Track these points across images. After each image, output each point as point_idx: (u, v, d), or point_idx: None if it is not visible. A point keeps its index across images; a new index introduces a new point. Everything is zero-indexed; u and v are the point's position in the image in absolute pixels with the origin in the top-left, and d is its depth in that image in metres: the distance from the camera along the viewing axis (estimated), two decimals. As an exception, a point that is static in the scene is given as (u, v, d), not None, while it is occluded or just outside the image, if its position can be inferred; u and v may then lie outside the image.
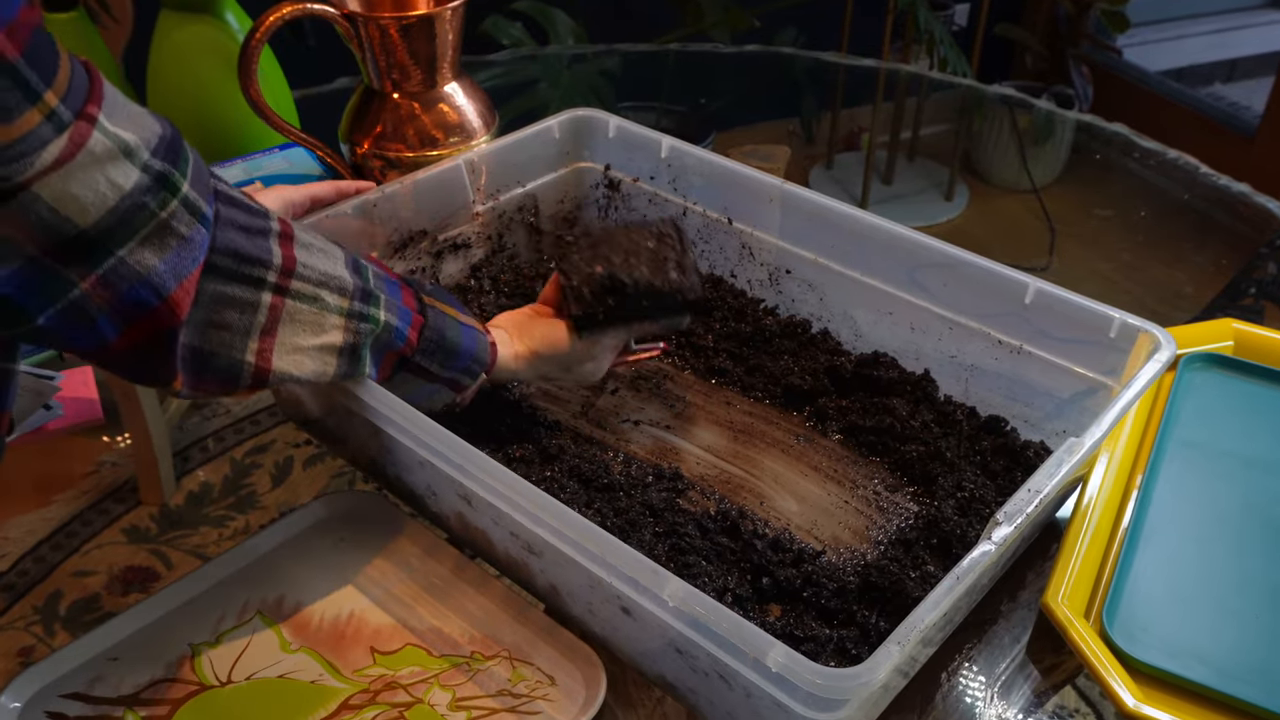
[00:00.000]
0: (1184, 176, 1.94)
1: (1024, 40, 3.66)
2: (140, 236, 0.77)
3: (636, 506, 1.10)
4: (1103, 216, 2.18)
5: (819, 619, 1.00)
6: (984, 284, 1.19)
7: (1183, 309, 1.61)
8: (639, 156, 1.44)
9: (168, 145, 0.80)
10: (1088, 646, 0.96)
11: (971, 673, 1.02)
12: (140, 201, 0.76)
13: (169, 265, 0.79)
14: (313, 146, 1.44)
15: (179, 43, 1.52)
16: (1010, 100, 2.67)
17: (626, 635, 0.96)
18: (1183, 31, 4.12)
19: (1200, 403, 1.23)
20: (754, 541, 1.07)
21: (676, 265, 1.15)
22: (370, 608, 1.04)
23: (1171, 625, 0.99)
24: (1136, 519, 1.09)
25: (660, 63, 2.64)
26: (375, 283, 0.97)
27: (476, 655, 0.99)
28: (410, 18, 1.36)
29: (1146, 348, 1.08)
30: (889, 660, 0.78)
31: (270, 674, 0.98)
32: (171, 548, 1.14)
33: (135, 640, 1.00)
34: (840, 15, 3.14)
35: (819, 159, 3.33)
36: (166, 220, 0.78)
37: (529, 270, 1.45)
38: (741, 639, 0.80)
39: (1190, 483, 1.14)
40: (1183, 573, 1.05)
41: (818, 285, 1.34)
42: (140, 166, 0.77)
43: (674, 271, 1.15)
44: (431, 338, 1.02)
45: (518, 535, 0.99)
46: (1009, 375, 1.20)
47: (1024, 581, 1.10)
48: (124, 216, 0.76)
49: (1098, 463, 1.15)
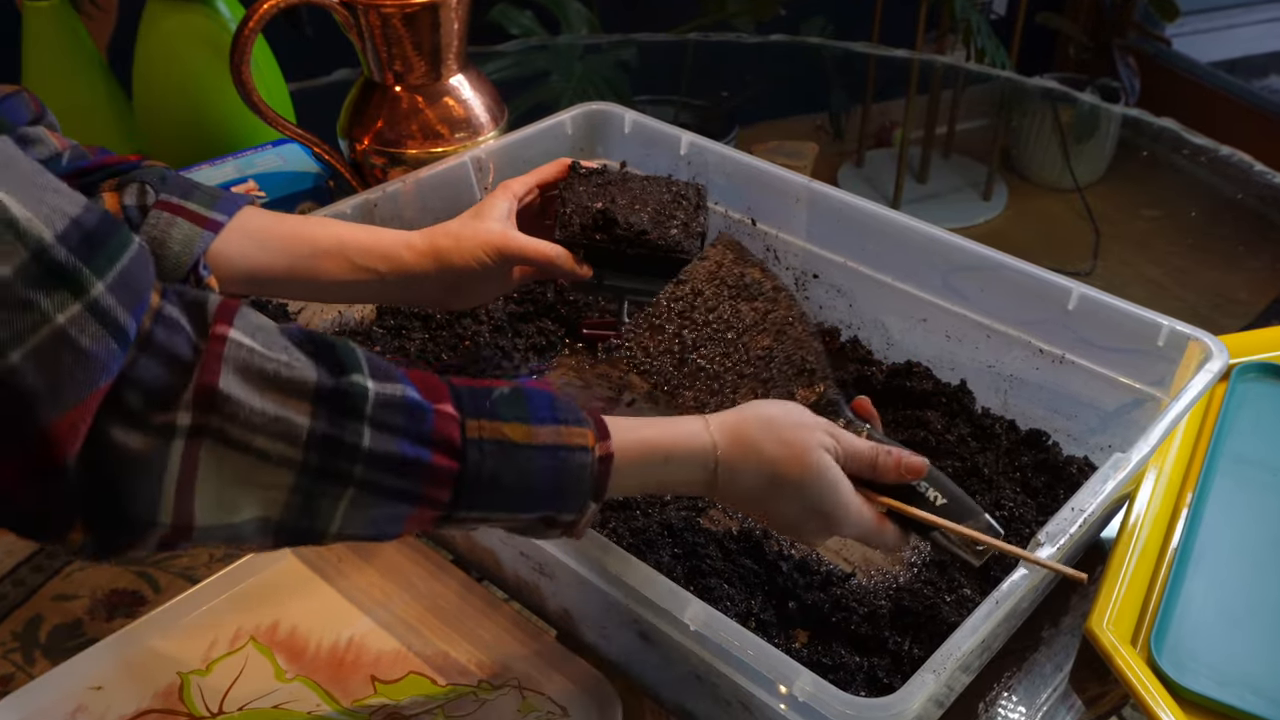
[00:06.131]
0: (1237, 174, 1.93)
1: (1067, 30, 3.65)
2: (26, 348, 0.62)
3: (654, 525, 1.10)
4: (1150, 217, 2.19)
5: (848, 645, 1.00)
6: (1024, 289, 1.19)
7: (1235, 316, 1.61)
8: (656, 153, 1.45)
9: (85, 234, 0.65)
10: (1134, 675, 0.96)
11: (1011, 703, 1.02)
12: (24, 298, 0.62)
13: (54, 388, 0.63)
14: (309, 143, 1.45)
15: (167, 32, 1.52)
16: (1052, 93, 2.66)
17: (644, 662, 0.96)
18: (1235, 20, 4.11)
19: (1254, 415, 1.23)
20: (779, 563, 1.07)
21: (682, 225, 1.17)
22: (371, 633, 1.04)
23: (1223, 653, 0.99)
24: (1186, 540, 1.09)
25: (679, 53, 2.65)
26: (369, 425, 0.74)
27: (484, 684, 1.00)
28: (414, 5, 1.37)
29: (1197, 357, 1.08)
30: (924, 690, 0.78)
31: (264, 704, 0.98)
32: (159, 569, 1.14)
33: (120, 668, 1.01)
34: (871, 3, 3.14)
35: (849, 156, 3.33)
36: (63, 328, 0.63)
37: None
38: (767, 666, 0.80)
39: (1243, 501, 1.14)
40: (1235, 597, 1.05)
41: (847, 290, 1.34)
42: (32, 251, 0.62)
43: (675, 229, 1.16)
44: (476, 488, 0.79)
45: (528, 555, 0.99)
46: (1050, 386, 1.20)
47: (1067, 606, 1.10)
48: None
49: (1145, 480, 1.15)
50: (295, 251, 1.06)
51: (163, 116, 1.56)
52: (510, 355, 1.33)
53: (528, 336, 1.36)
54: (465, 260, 1.10)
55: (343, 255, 1.07)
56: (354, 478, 0.73)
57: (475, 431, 0.78)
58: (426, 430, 0.76)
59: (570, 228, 1.15)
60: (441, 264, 1.10)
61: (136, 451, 0.67)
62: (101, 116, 1.52)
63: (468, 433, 0.78)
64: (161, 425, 0.68)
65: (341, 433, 0.73)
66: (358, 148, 1.46)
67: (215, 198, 1.01)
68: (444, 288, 1.12)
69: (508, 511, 0.81)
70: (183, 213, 0.98)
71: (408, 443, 0.75)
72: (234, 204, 1.02)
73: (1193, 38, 3.93)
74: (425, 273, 1.10)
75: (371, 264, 1.08)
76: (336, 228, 1.09)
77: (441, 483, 0.77)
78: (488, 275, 1.12)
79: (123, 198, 0.97)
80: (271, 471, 0.71)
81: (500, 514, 0.81)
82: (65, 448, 0.64)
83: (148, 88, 1.55)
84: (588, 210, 1.16)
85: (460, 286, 1.13)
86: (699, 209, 1.20)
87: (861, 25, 3.18)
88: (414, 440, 0.75)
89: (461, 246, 1.10)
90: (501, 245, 1.11)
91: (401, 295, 1.17)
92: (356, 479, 0.73)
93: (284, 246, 1.05)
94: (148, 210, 0.97)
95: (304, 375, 0.72)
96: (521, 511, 0.81)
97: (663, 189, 1.21)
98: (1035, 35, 3.54)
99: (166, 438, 0.68)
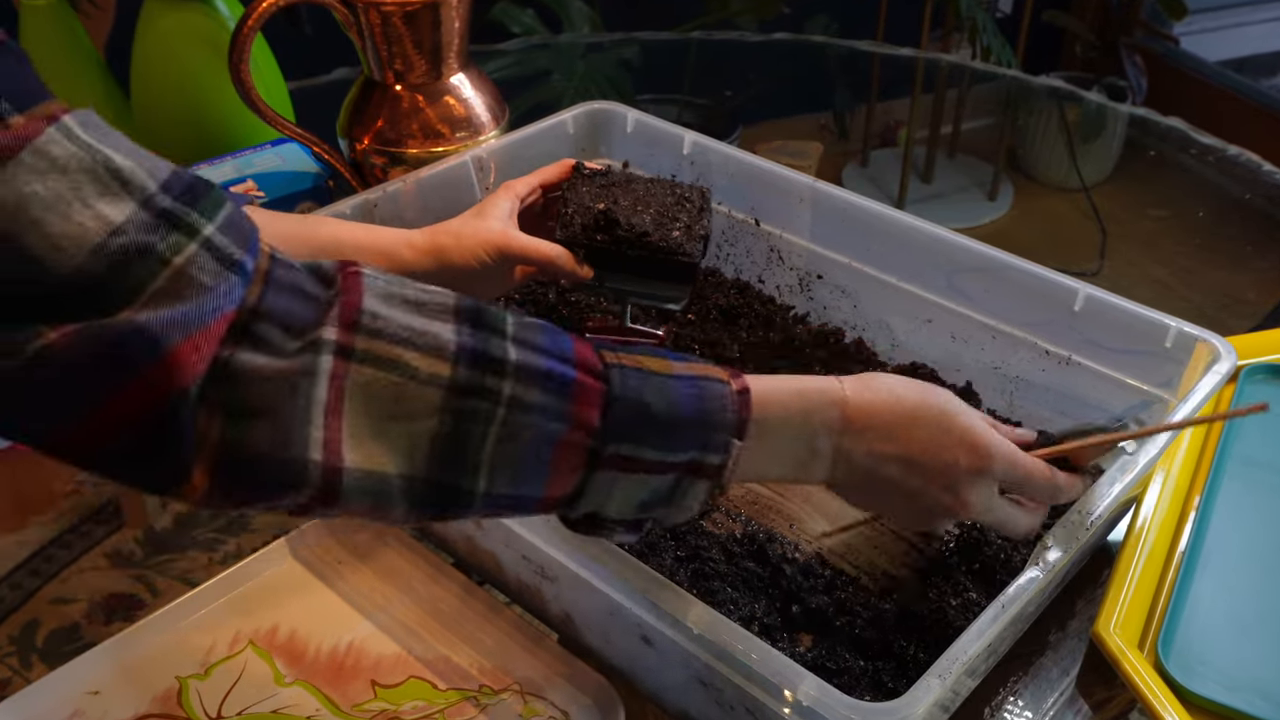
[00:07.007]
0: (1245, 174, 1.94)
1: (1073, 28, 3.65)
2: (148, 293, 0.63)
3: (657, 528, 1.10)
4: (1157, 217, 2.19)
5: (853, 650, 1.00)
6: (1030, 290, 1.19)
7: (1244, 316, 1.61)
8: (659, 153, 1.45)
9: (187, 185, 0.67)
10: (1142, 679, 0.96)
11: (1017, 708, 1.02)
12: (142, 242, 0.63)
13: (176, 316, 0.64)
14: (309, 142, 1.45)
15: (165, 31, 1.53)
16: (1058, 92, 2.66)
17: (646, 666, 0.96)
18: (1244, 19, 4.11)
19: (1263, 417, 1.22)
20: (783, 566, 1.07)
21: (685, 228, 1.16)
22: (371, 637, 1.04)
23: (1232, 657, 0.99)
24: (1194, 543, 1.09)
25: (682, 52, 2.65)
26: (512, 342, 0.75)
27: (485, 689, 1.00)
28: (414, 3, 1.37)
29: (1205, 358, 1.08)
30: (929, 695, 0.78)
31: (263, 709, 0.98)
32: (157, 573, 1.14)
33: (118, 673, 1.01)
34: (876, 1, 3.14)
35: (853, 156, 3.33)
36: (182, 267, 0.64)
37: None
38: (771, 670, 0.80)
39: (1251, 503, 1.14)
40: (1244, 600, 1.04)
41: (851, 291, 1.34)
42: (140, 201, 0.64)
43: (678, 232, 1.16)
44: (624, 412, 0.77)
45: (530, 559, 0.99)
46: (1057, 388, 1.20)
47: (1074, 610, 1.10)
48: (116, 261, 0.63)
49: (1152, 482, 1.15)
50: (294, 251, 1.05)
51: (161, 116, 1.56)
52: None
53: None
54: (466, 259, 1.10)
55: (340, 254, 1.07)
56: (502, 395, 0.72)
57: (614, 359, 0.78)
58: (568, 351, 0.76)
59: (572, 227, 1.15)
60: (442, 262, 1.10)
61: (278, 372, 0.67)
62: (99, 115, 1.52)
63: (606, 360, 0.78)
64: (304, 347, 0.68)
65: (487, 346, 0.73)
66: (358, 147, 1.46)
67: None
68: (443, 286, 1.12)
69: (656, 450, 0.77)
70: None
71: (552, 360, 0.75)
72: None
73: (1200, 36, 3.93)
74: (425, 271, 1.10)
75: (370, 262, 1.08)
76: (335, 227, 1.09)
77: (590, 400, 0.75)
78: (488, 274, 1.12)
79: None
80: (419, 392, 0.71)
81: (649, 452, 0.77)
82: (189, 370, 0.64)
83: (146, 87, 1.55)
84: (590, 210, 1.16)
85: (460, 285, 1.12)
86: (703, 212, 1.19)
87: (866, 23, 3.19)
88: (557, 359, 0.75)
89: (462, 245, 1.10)
90: (502, 244, 1.11)
91: None
92: (505, 396, 0.72)
93: (283, 246, 1.05)
94: None
95: (444, 300, 0.75)
96: (669, 451, 0.78)
97: (666, 191, 1.21)
98: (1041, 33, 3.54)
99: (313, 354, 0.68)
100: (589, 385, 0.75)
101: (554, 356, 0.75)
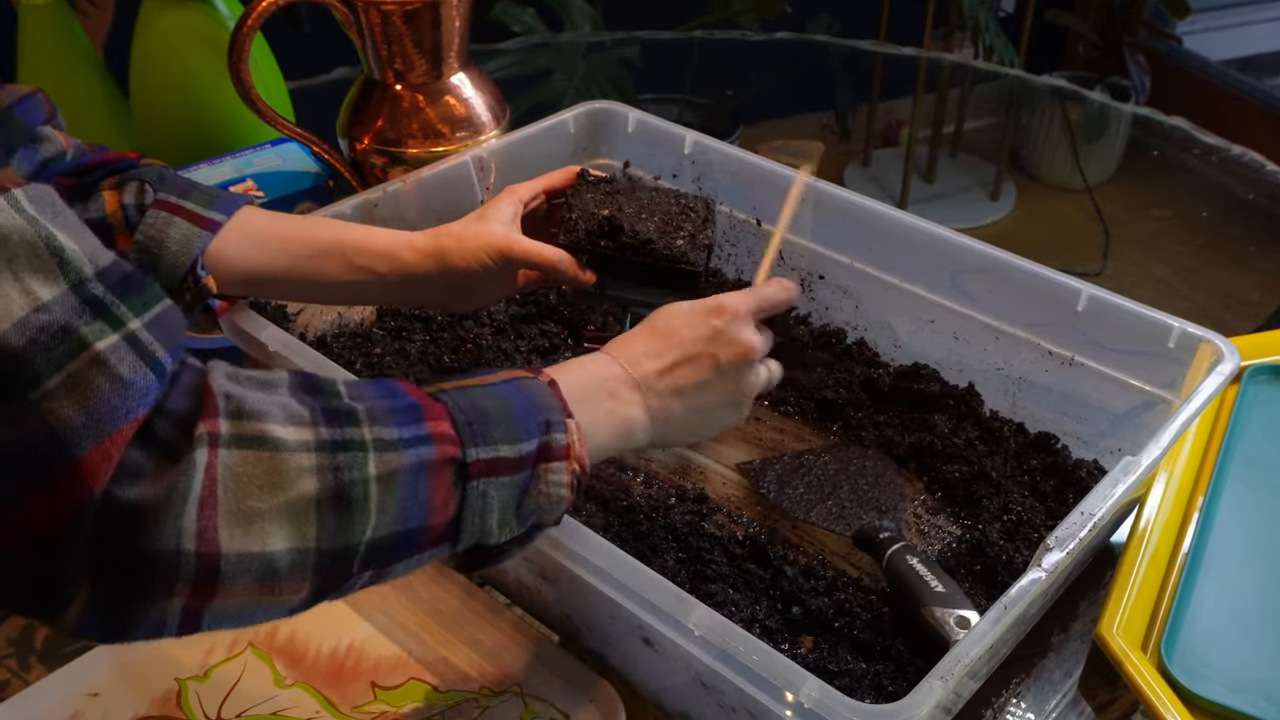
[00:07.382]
0: (1248, 174, 1.94)
1: (1076, 27, 3.66)
2: (62, 375, 0.62)
3: (658, 530, 1.10)
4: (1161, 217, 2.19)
5: (854, 652, 1.00)
6: (1033, 290, 1.19)
7: (1247, 317, 1.61)
8: (660, 152, 1.45)
9: (124, 276, 0.68)
10: (1145, 681, 0.96)
11: (1019, 710, 1.02)
12: (65, 323, 0.63)
13: (90, 416, 0.62)
14: (308, 142, 1.45)
15: (164, 30, 1.53)
16: (1061, 92, 2.66)
17: (647, 669, 0.96)
18: (1247, 18, 4.11)
19: (1266, 418, 1.23)
20: (784, 568, 1.07)
21: (689, 236, 1.17)
22: (371, 639, 1.04)
23: (1235, 658, 0.99)
24: (1197, 544, 1.09)
25: (684, 51, 2.65)
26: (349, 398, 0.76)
27: (485, 691, 1.00)
28: (414, 2, 1.37)
29: (1208, 359, 1.08)
30: (931, 697, 0.78)
31: (263, 711, 0.98)
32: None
33: (118, 675, 1.01)
34: (878, 0, 3.14)
35: (855, 156, 3.33)
36: (100, 355, 0.64)
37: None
38: (772, 672, 0.80)
39: (1255, 505, 1.14)
40: (1247, 602, 1.05)
41: (853, 291, 1.34)
42: (73, 284, 0.64)
43: (681, 240, 1.16)
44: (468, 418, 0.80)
45: (530, 560, 0.99)
46: (1060, 389, 1.20)
47: (1076, 611, 1.10)
48: (35, 338, 0.62)
49: (1155, 483, 1.15)
50: (294, 252, 1.06)
51: (160, 115, 1.56)
52: (512, 357, 1.33)
53: (530, 339, 1.36)
54: (467, 261, 1.10)
55: (342, 255, 1.08)
56: (367, 440, 0.74)
57: (434, 388, 0.82)
58: (398, 389, 0.79)
59: (575, 232, 1.15)
60: (443, 264, 1.10)
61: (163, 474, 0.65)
62: (98, 115, 1.52)
63: (429, 389, 0.81)
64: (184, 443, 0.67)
65: (334, 405, 0.74)
66: (358, 147, 1.46)
67: (213, 197, 1.02)
68: (446, 289, 1.12)
69: (509, 444, 0.80)
70: (180, 212, 0.99)
71: (391, 399, 0.77)
72: (232, 204, 1.03)
73: (1204, 36, 3.93)
74: (427, 273, 1.10)
75: (371, 264, 1.08)
76: (336, 228, 1.09)
77: (439, 415, 0.78)
78: (490, 277, 1.12)
79: (122, 196, 0.97)
80: (292, 460, 0.70)
81: (505, 449, 0.79)
82: (97, 479, 0.63)
83: (145, 86, 1.55)
84: (593, 216, 1.16)
85: (462, 288, 1.13)
86: (707, 222, 1.19)
87: (868, 23, 3.19)
88: (393, 396, 0.78)
89: (464, 247, 1.10)
90: (504, 248, 1.11)
91: (403, 296, 1.17)
92: (370, 440, 0.74)
93: (283, 246, 1.06)
94: (145, 209, 0.98)
95: (280, 375, 0.75)
96: (519, 442, 0.80)
97: (671, 200, 1.21)
98: (1044, 33, 3.54)
99: (189, 451, 0.66)
100: (431, 404, 0.79)
101: (390, 396, 0.78)
